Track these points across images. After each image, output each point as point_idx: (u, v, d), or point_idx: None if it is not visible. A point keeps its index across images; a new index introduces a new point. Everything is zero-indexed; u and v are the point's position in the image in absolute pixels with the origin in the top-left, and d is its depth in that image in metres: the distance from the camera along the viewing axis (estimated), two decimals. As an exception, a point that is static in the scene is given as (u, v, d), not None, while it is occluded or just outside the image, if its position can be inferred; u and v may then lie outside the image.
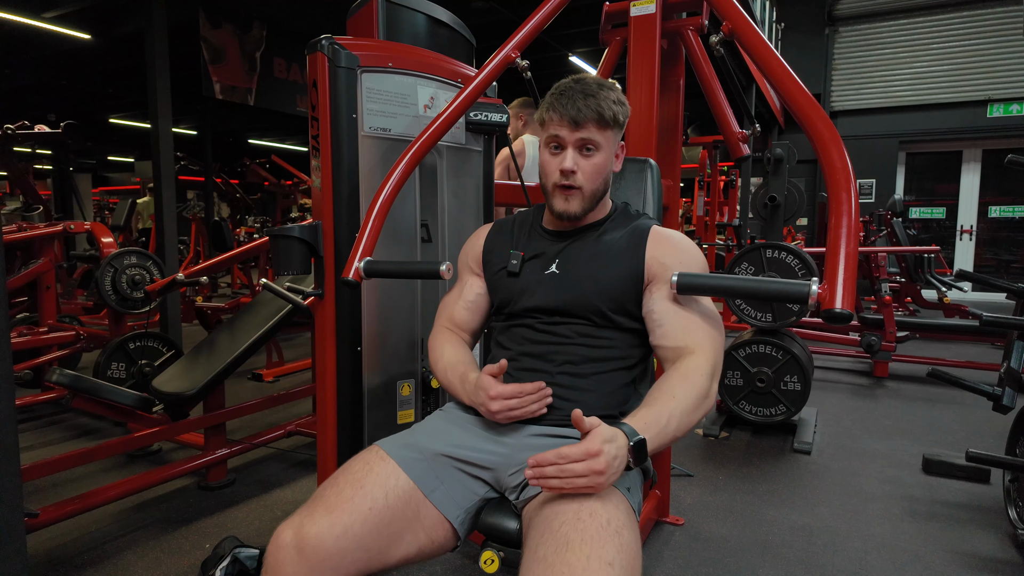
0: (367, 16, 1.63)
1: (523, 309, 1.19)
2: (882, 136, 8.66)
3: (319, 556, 0.94)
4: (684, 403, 0.97)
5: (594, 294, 1.14)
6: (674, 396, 0.98)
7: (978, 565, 1.92)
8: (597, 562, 0.84)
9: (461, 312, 1.30)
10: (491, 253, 1.29)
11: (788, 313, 2.96)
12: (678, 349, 1.07)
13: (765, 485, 2.50)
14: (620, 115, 1.15)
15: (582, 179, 1.14)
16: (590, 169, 1.14)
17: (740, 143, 2.55)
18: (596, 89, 1.13)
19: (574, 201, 1.16)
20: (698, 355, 1.04)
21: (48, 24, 5.84)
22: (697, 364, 1.03)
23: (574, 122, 1.11)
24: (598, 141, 1.13)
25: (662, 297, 1.11)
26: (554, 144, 1.16)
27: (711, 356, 1.05)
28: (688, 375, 1.01)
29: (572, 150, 1.13)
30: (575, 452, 0.87)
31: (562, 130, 1.13)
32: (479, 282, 1.31)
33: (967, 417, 3.38)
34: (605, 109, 1.11)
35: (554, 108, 1.13)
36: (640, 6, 1.98)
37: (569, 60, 7.17)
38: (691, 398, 0.99)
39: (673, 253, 1.14)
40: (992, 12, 7.99)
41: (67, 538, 2.06)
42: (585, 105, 1.11)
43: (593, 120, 1.11)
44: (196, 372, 2.40)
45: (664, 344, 1.10)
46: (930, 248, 5.13)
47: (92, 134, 12.06)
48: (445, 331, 1.29)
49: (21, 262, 3.60)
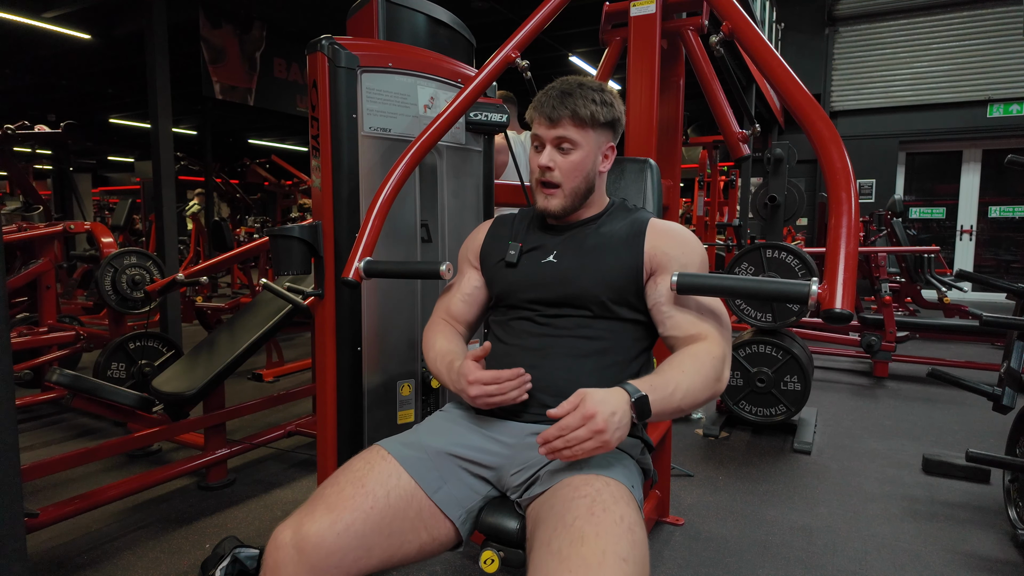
0: (367, 16, 1.63)
1: (521, 300, 1.20)
2: (882, 136, 8.66)
3: (319, 554, 0.94)
4: (692, 378, 0.99)
5: (593, 284, 1.15)
6: (683, 370, 1.00)
7: (978, 565, 1.92)
8: (613, 557, 0.83)
9: (458, 304, 1.31)
10: (491, 246, 1.29)
11: (788, 313, 2.96)
12: (690, 338, 1.08)
13: (765, 485, 2.50)
14: (600, 115, 1.15)
15: (559, 176, 1.17)
16: (567, 166, 1.16)
17: (740, 143, 2.55)
18: (575, 88, 1.15)
19: (553, 200, 1.18)
20: (710, 341, 1.06)
21: (48, 24, 5.84)
22: (708, 348, 1.04)
23: (549, 119, 1.15)
24: (574, 139, 1.15)
25: (669, 289, 1.12)
26: (536, 143, 1.19)
27: (723, 344, 1.06)
28: (698, 355, 1.03)
29: (549, 147, 1.17)
30: (573, 420, 0.90)
31: (540, 128, 1.17)
32: (477, 275, 1.31)
33: (967, 417, 3.38)
34: (580, 108, 1.13)
35: (535, 108, 1.18)
36: (640, 6, 1.98)
37: (569, 60, 7.17)
38: (700, 376, 1.00)
39: (675, 244, 1.15)
40: (992, 12, 7.99)
41: (67, 538, 2.06)
42: (560, 103, 1.14)
43: (568, 118, 1.14)
44: (196, 372, 2.40)
45: (675, 335, 1.11)
46: (930, 248, 5.13)
47: (92, 134, 12.07)
48: (440, 322, 1.30)
49: (21, 262, 3.60)
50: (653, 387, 0.95)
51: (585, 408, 0.89)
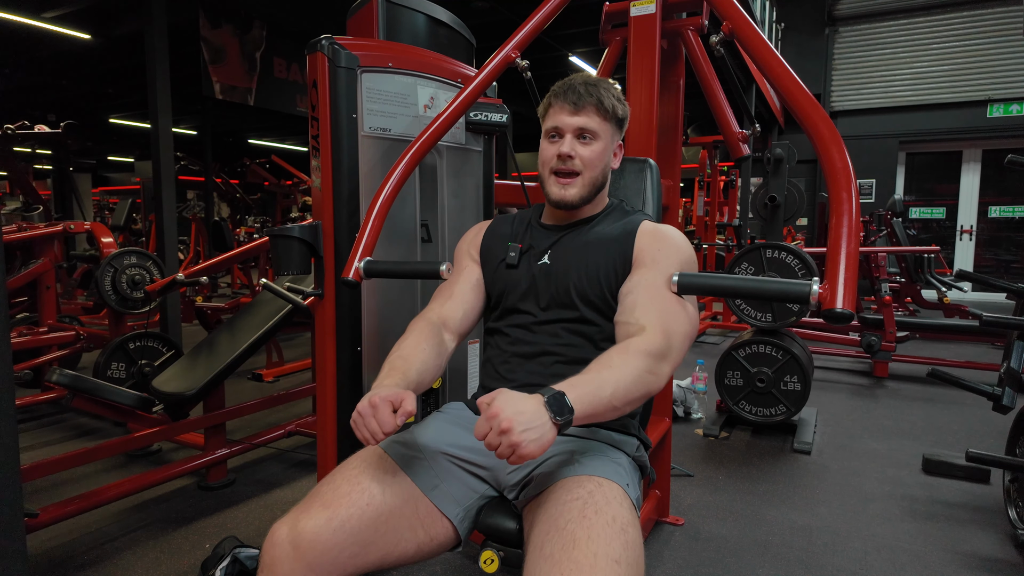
0: (367, 16, 1.63)
1: (519, 302, 1.20)
2: (882, 136, 8.66)
3: (315, 551, 0.94)
4: (621, 373, 0.93)
5: (582, 282, 1.15)
6: (610, 365, 0.94)
7: (978, 565, 1.92)
8: (604, 560, 0.84)
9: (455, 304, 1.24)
10: (491, 244, 1.29)
11: (788, 313, 2.96)
12: (625, 325, 1.05)
13: (765, 485, 2.50)
14: (619, 110, 1.18)
15: (580, 164, 1.16)
16: (588, 155, 1.16)
17: (740, 143, 2.55)
18: (597, 82, 1.17)
19: (571, 188, 1.17)
20: (645, 334, 1.00)
21: (48, 24, 5.84)
22: (639, 342, 0.98)
23: (575, 106, 1.15)
24: (596, 130, 1.16)
25: (630, 279, 1.12)
26: (553, 133, 1.18)
27: (658, 336, 1.00)
28: (627, 348, 0.97)
29: (570, 136, 1.16)
30: (480, 427, 0.84)
31: (562, 115, 1.16)
32: (476, 269, 1.29)
33: (967, 417, 3.38)
34: (605, 98, 1.15)
35: (556, 96, 1.17)
36: (640, 6, 1.98)
37: (569, 60, 7.17)
38: (629, 369, 0.94)
39: (655, 242, 1.14)
40: (992, 12, 7.99)
41: (67, 538, 2.06)
42: (586, 91, 1.14)
43: (593, 106, 1.14)
44: (196, 372, 2.40)
45: (618, 320, 1.09)
46: (930, 248, 5.13)
47: (92, 134, 12.06)
48: (422, 321, 1.20)
49: (21, 262, 3.60)
50: (573, 384, 0.89)
51: (491, 409, 0.83)
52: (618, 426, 1.14)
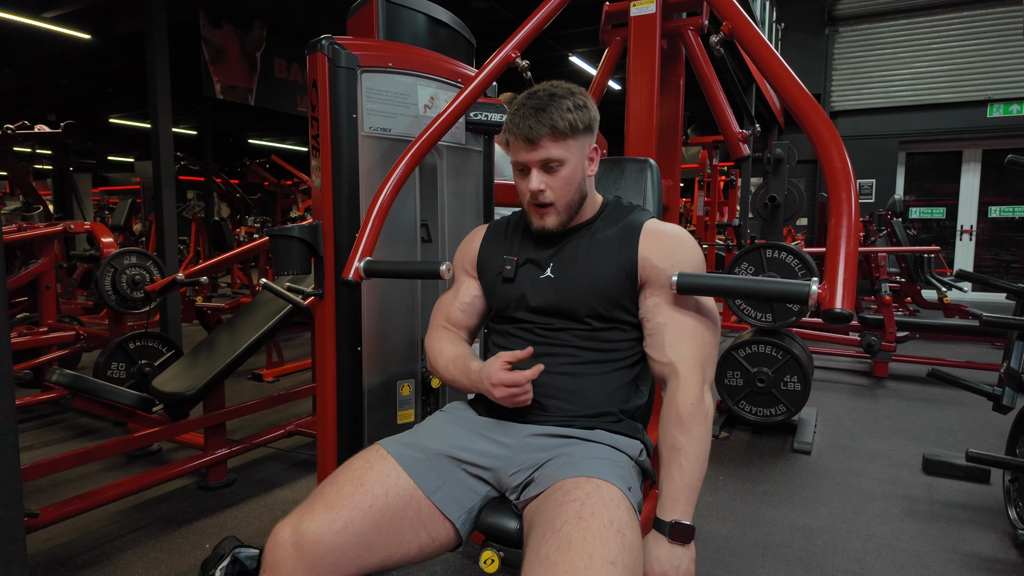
0: (367, 16, 1.63)
1: (520, 314, 1.19)
2: (882, 136, 8.66)
3: (318, 552, 0.94)
4: (695, 453, 1.03)
5: (590, 296, 1.13)
6: (681, 450, 1.02)
7: (978, 565, 1.92)
8: (600, 561, 0.84)
9: (457, 313, 1.28)
10: (486, 257, 1.26)
11: (788, 313, 2.96)
12: (663, 365, 1.08)
13: (765, 485, 2.50)
14: (579, 121, 1.10)
15: (552, 195, 1.12)
16: (558, 184, 1.12)
17: (740, 143, 2.55)
18: (547, 101, 1.09)
19: (549, 218, 1.15)
20: (686, 379, 1.05)
21: (48, 24, 5.84)
22: (683, 400, 1.04)
23: (529, 141, 1.09)
24: (559, 156, 1.09)
25: (655, 304, 1.10)
26: (520, 167, 1.14)
27: (698, 373, 1.05)
28: (681, 419, 1.03)
29: (536, 171, 1.11)
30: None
31: (521, 153, 1.11)
32: (475, 284, 1.28)
33: (967, 417, 3.38)
34: (558, 121, 1.07)
35: (510, 130, 1.11)
36: (640, 6, 1.98)
37: (569, 60, 7.16)
38: (697, 443, 1.03)
39: (665, 254, 1.11)
40: (992, 12, 7.99)
41: (67, 538, 2.06)
42: (537, 122, 1.07)
43: (548, 135, 1.08)
44: (196, 372, 2.40)
45: (652, 356, 1.11)
46: (930, 248, 5.13)
47: (92, 134, 12.06)
48: (441, 329, 1.28)
49: (21, 262, 3.60)
50: (674, 499, 1.01)
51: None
52: (621, 429, 1.14)
